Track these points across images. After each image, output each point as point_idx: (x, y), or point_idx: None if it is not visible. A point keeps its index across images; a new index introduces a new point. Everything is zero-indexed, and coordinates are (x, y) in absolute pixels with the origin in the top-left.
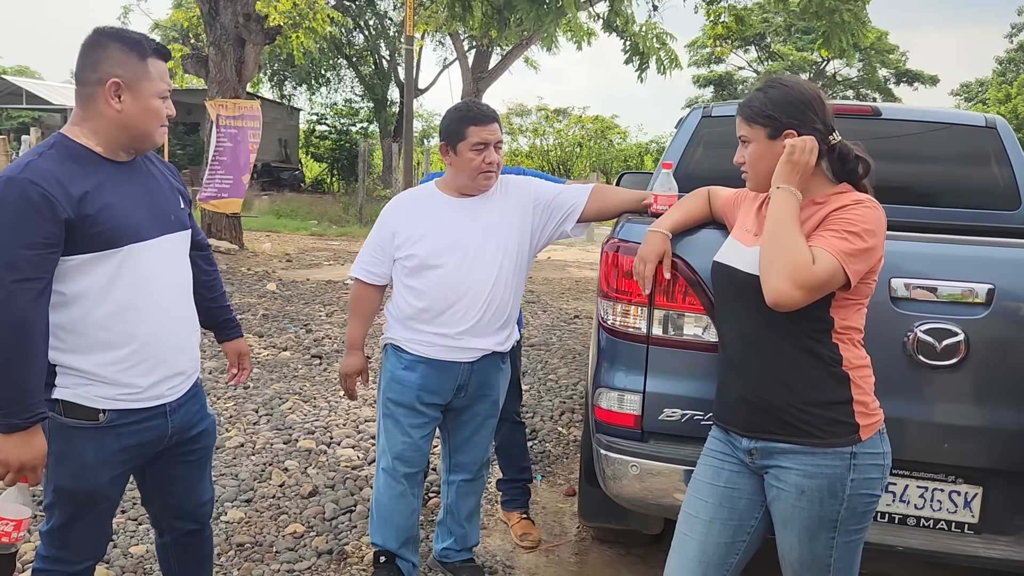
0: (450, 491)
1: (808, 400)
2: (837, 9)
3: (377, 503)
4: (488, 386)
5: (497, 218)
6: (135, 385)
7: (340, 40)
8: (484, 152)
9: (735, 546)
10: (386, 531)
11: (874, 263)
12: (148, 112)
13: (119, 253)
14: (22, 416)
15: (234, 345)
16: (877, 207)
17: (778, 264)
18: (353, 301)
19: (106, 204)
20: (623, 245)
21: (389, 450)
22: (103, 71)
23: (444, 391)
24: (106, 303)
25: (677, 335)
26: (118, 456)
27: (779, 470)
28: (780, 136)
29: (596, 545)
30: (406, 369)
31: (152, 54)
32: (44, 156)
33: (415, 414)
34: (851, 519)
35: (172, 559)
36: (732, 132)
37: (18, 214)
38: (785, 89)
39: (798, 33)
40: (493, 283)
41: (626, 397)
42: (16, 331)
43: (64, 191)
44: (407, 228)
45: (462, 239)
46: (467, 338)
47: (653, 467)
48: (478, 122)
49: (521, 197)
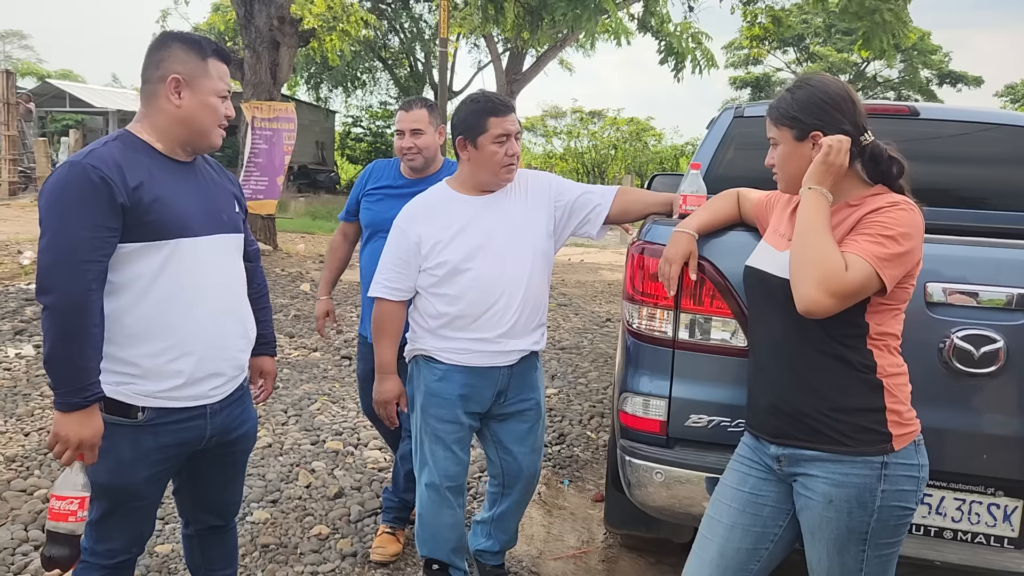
0: (500, 501)
1: (837, 407)
2: (878, 9)
3: (422, 518)
4: (529, 387)
5: (522, 214)
6: (175, 376)
7: (376, 43)
8: (506, 144)
9: (756, 553)
10: (434, 544)
11: (911, 267)
12: (205, 108)
13: (168, 245)
14: (81, 395)
15: (259, 362)
16: (914, 209)
17: (809, 270)
18: (378, 322)
19: (159, 196)
20: (648, 247)
21: (434, 467)
22: (165, 68)
23: (484, 399)
24: (152, 294)
25: (704, 339)
26: (155, 454)
27: (807, 478)
28: (807, 137)
29: (625, 552)
30: (441, 380)
31: (212, 55)
32: (107, 145)
33: (458, 427)
34: (882, 532)
35: (197, 551)
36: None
37: (80, 196)
38: (811, 89)
39: (838, 34)
40: (527, 281)
41: (651, 402)
42: (75, 311)
43: (122, 177)
44: (433, 234)
45: (491, 238)
46: (506, 340)
47: (679, 474)
48: (499, 112)
49: (542, 192)
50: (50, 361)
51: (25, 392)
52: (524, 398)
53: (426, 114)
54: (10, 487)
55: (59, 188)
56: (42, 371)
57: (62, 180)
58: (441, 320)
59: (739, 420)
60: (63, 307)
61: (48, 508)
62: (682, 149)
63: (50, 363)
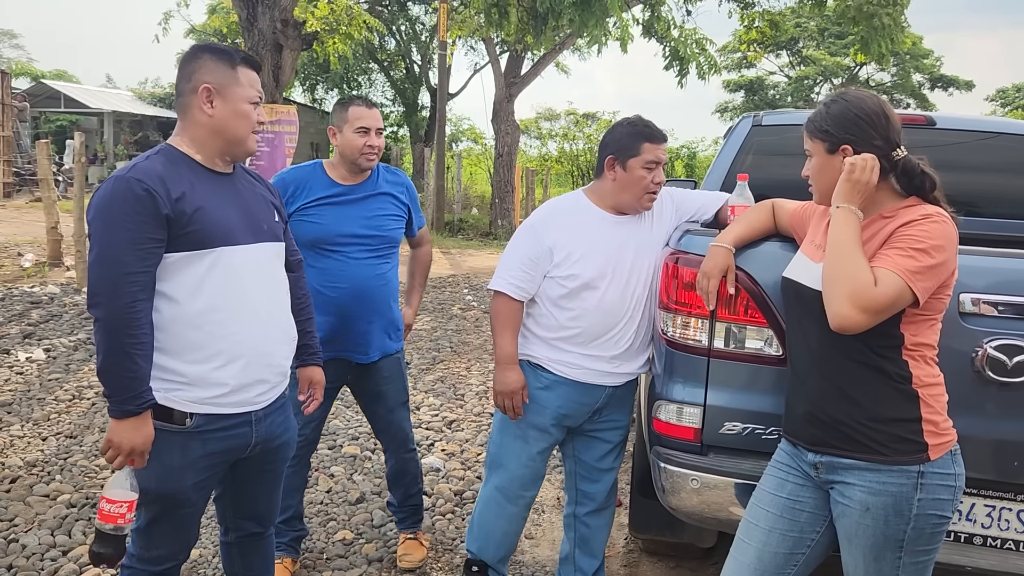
0: (577, 524)
1: (874, 416)
2: (876, 14)
3: (482, 517)
4: (624, 411)
5: (648, 238)
6: (221, 384)
7: (372, 45)
8: (655, 171)
9: (792, 558)
10: (485, 544)
11: (945, 277)
12: (238, 115)
13: (211, 254)
14: (135, 403)
15: (308, 372)
16: (947, 220)
17: (839, 287)
18: (500, 315)
19: (201, 206)
20: (683, 256)
21: (510, 471)
22: (196, 80)
23: (580, 415)
24: (196, 303)
25: (739, 348)
26: (202, 461)
27: (844, 486)
28: (837, 151)
29: (646, 557)
30: (545, 389)
31: (241, 63)
32: (150, 159)
33: (547, 436)
34: (919, 540)
35: (235, 558)
36: (783, 141)
37: (124, 209)
38: (845, 104)
39: (831, 38)
40: (645, 306)
41: (685, 410)
42: (125, 322)
43: (165, 189)
44: (568, 244)
45: (621, 260)
46: (620, 363)
47: (713, 481)
48: (654, 139)
49: (667, 211)
50: (103, 371)
51: (39, 396)
52: (616, 419)
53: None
54: (33, 492)
55: (105, 202)
56: (54, 375)
57: (108, 194)
58: (559, 334)
59: (773, 428)
60: (112, 319)
61: (98, 509)
62: (677, 152)
63: (103, 373)
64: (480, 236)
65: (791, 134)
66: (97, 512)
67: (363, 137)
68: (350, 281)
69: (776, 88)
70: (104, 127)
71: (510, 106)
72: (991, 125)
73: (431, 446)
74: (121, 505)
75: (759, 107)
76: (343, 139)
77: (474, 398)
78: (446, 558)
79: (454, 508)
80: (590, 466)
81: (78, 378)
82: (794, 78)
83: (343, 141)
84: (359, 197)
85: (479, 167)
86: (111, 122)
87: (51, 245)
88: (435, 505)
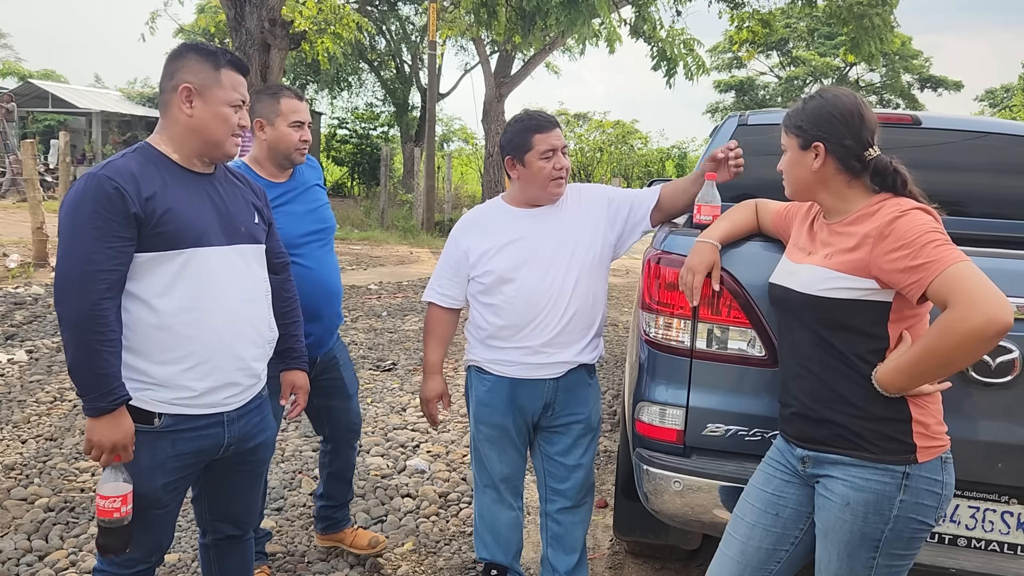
0: (550, 522)
1: (863, 414)
2: (866, 14)
3: (482, 519)
4: (577, 402)
5: (570, 225)
6: (189, 388)
7: (363, 45)
8: (553, 158)
9: (775, 554)
10: (495, 546)
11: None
12: (217, 118)
13: (182, 255)
14: (107, 400)
15: (291, 376)
16: (929, 211)
17: (960, 351)
18: (428, 324)
19: (172, 207)
20: (665, 256)
21: (490, 472)
22: (178, 79)
23: (531, 411)
24: (166, 304)
25: (721, 349)
26: (172, 462)
27: (828, 479)
28: (810, 147)
29: (631, 559)
30: (490, 391)
31: (226, 65)
32: (125, 157)
33: (506, 433)
34: (896, 542)
35: (213, 561)
36: (768, 140)
37: (95, 206)
38: (822, 102)
39: (820, 38)
40: (572, 291)
41: (668, 411)
42: (93, 320)
43: (136, 188)
44: (481, 245)
45: (537, 250)
46: (550, 351)
47: (696, 483)
48: (542, 129)
49: (594, 198)
50: (73, 369)
51: (20, 399)
52: (572, 412)
53: None
54: (10, 496)
55: (76, 200)
56: (36, 377)
57: (79, 192)
58: (488, 330)
59: (756, 429)
60: (77, 316)
61: (96, 506)
62: (668, 152)
63: (73, 371)
64: None
65: (777, 133)
66: (96, 510)
67: (298, 131)
68: (317, 281)
69: (766, 88)
70: (92, 127)
71: (500, 106)
72: (977, 124)
73: (416, 448)
74: (115, 500)
75: (749, 107)
76: (275, 133)
77: (460, 399)
78: (429, 561)
79: (438, 510)
80: (556, 462)
81: (60, 380)
82: (784, 78)
83: (276, 135)
84: (298, 192)
85: (470, 167)
86: (99, 122)
87: (36, 245)
88: (419, 507)
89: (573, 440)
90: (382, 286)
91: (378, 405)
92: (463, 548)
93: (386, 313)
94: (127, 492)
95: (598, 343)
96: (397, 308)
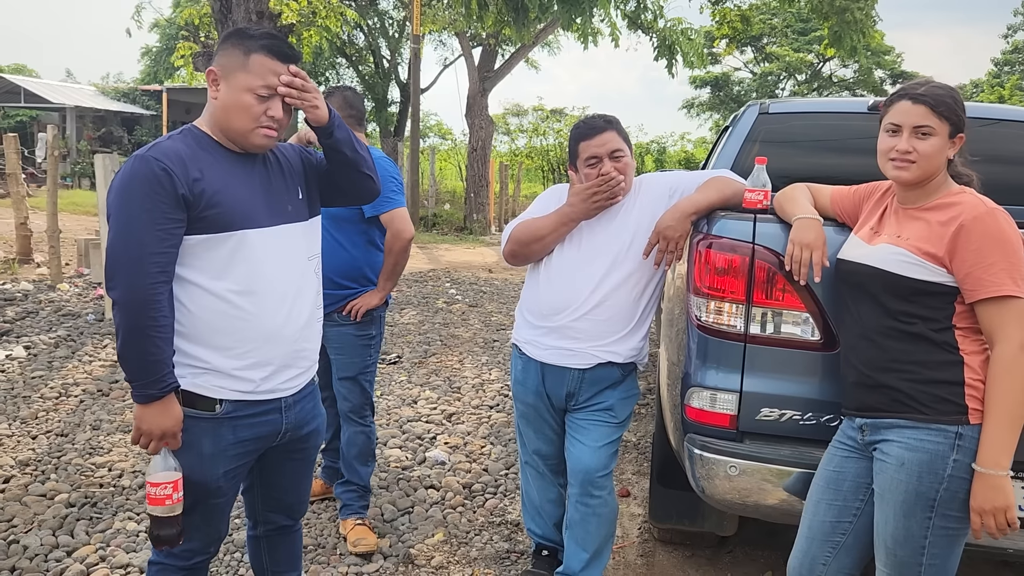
0: (569, 505)
1: (918, 378)
2: (848, 8)
3: (526, 494)
4: (603, 393)
5: (618, 221)
6: (247, 373)
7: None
8: (598, 166)
9: (839, 526)
10: (541, 520)
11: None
12: (237, 106)
13: (232, 237)
14: (157, 387)
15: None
16: (1003, 212)
17: None
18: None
19: (220, 188)
20: (716, 241)
21: (529, 448)
22: (213, 62)
23: (557, 396)
24: (218, 287)
25: (775, 333)
26: (233, 449)
27: (884, 443)
28: (956, 135)
29: (661, 547)
30: (523, 371)
31: (259, 50)
32: (172, 138)
33: (538, 411)
34: (951, 503)
35: (264, 552)
36: (790, 130)
37: (144, 188)
38: (955, 94)
39: (795, 34)
40: (604, 287)
41: (719, 396)
42: (145, 304)
43: (183, 168)
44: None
45: (587, 241)
46: (578, 343)
47: (751, 467)
48: (585, 136)
49: (654, 192)
50: (123, 355)
51: (24, 395)
52: (596, 401)
53: None
54: (29, 492)
55: (125, 182)
56: (38, 373)
57: (128, 174)
58: (529, 307)
59: (810, 413)
60: (131, 300)
61: (146, 495)
62: (647, 147)
63: (124, 356)
64: (455, 231)
65: (798, 122)
66: (146, 499)
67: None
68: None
69: (741, 84)
70: (67, 122)
71: (484, 100)
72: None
73: (433, 440)
74: (165, 487)
75: (724, 103)
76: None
77: (471, 391)
78: (462, 551)
79: (464, 501)
80: (572, 438)
81: (63, 375)
82: (759, 74)
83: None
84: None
85: (449, 162)
86: (74, 117)
87: (20, 241)
88: (444, 499)
89: (593, 422)
90: None
91: (388, 398)
92: (494, 538)
93: None
94: (177, 479)
95: (636, 343)
96: (393, 302)
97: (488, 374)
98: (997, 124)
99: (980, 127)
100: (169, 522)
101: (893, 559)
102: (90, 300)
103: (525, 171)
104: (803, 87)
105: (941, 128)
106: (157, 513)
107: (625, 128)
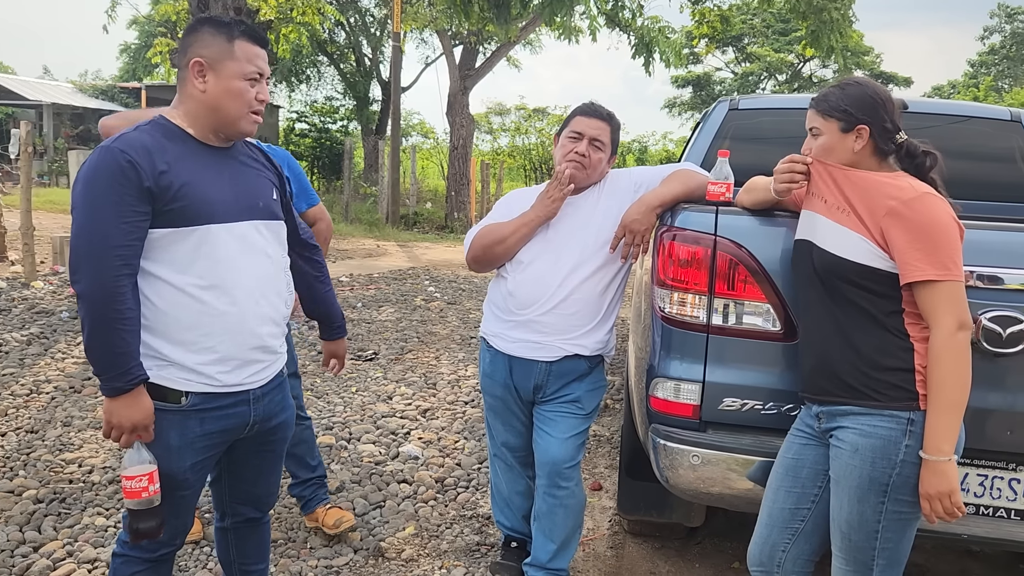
0: (536, 496)
1: (870, 364)
2: (825, 7)
3: (495, 486)
4: (570, 386)
5: (586, 213)
6: (210, 367)
7: (322, 37)
8: (577, 142)
9: (798, 512)
10: (510, 512)
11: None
12: (230, 93)
13: (197, 232)
14: (124, 379)
15: (331, 346)
16: (940, 198)
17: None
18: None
19: (187, 181)
20: (680, 233)
21: (497, 440)
22: (191, 53)
23: (524, 389)
24: (183, 281)
25: (737, 324)
26: (201, 441)
27: (840, 430)
28: (852, 130)
29: (631, 539)
30: (491, 363)
31: (240, 36)
32: (139, 130)
33: (506, 406)
34: (903, 488)
35: (231, 545)
36: (759, 125)
37: (108, 180)
38: (862, 88)
39: (775, 35)
40: (575, 279)
41: (683, 387)
42: (109, 296)
43: (149, 161)
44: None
45: (553, 237)
46: (546, 336)
47: (713, 456)
48: (584, 113)
49: (621, 185)
50: (90, 348)
51: None
52: (563, 393)
53: None
54: None
55: (90, 174)
56: (8, 370)
57: (92, 166)
58: (500, 304)
59: (772, 403)
60: (95, 293)
61: (122, 488)
62: (628, 146)
63: (90, 350)
64: (436, 229)
65: (768, 118)
66: (123, 492)
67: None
68: None
69: (722, 84)
70: (44, 120)
71: (465, 99)
72: (960, 109)
73: (407, 435)
74: (140, 479)
75: (706, 102)
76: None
77: (447, 387)
78: (432, 544)
79: (436, 495)
80: (538, 429)
81: (34, 372)
82: (740, 74)
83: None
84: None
85: (430, 161)
86: (50, 114)
87: None
88: (416, 493)
89: (559, 413)
90: (353, 278)
91: (364, 393)
92: (465, 531)
93: (361, 304)
94: (152, 471)
95: (602, 336)
96: (371, 299)
97: (464, 370)
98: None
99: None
100: (148, 514)
101: (848, 543)
102: (64, 298)
103: (507, 170)
104: (783, 87)
105: (828, 127)
106: (134, 506)
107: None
